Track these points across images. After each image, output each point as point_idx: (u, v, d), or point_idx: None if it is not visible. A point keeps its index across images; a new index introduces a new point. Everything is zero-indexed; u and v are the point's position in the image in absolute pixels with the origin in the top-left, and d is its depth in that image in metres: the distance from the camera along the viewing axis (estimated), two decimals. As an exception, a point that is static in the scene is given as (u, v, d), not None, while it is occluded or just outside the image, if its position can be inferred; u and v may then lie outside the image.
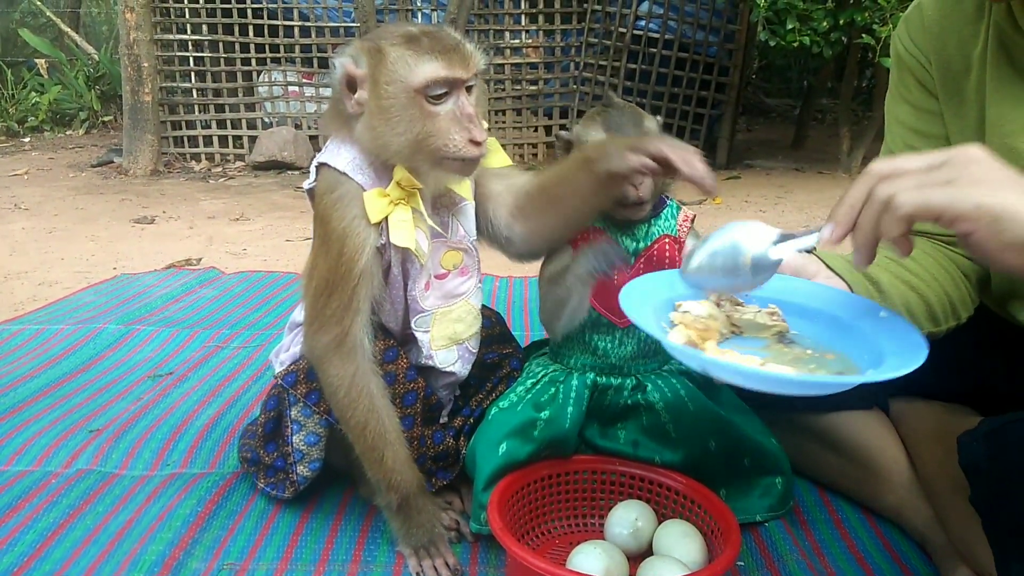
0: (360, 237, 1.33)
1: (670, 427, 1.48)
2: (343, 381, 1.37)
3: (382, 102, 1.28)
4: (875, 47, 4.73)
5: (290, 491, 1.55)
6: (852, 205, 0.96)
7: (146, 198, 5.05)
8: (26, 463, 1.77)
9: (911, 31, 1.43)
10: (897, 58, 1.47)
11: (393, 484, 1.39)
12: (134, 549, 1.45)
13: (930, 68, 1.40)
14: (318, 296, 1.36)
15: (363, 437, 1.38)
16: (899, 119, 1.48)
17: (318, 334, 1.37)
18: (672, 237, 1.50)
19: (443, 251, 1.46)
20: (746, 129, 8.11)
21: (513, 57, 6.38)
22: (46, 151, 6.94)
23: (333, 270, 1.34)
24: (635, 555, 1.38)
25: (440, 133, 1.28)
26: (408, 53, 1.27)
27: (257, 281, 3.19)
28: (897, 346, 1.03)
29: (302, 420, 1.50)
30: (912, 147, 1.44)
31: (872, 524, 1.55)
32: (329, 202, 1.35)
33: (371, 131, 1.32)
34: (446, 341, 1.49)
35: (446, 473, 1.57)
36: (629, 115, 1.45)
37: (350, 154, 1.36)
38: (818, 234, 1.00)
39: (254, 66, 6.16)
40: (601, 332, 1.50)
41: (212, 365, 2.33)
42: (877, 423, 1.56)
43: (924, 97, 1.43)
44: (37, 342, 2.49)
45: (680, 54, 6.14)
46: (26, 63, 8.92)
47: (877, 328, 1.09)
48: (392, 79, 1.27)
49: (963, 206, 0.88)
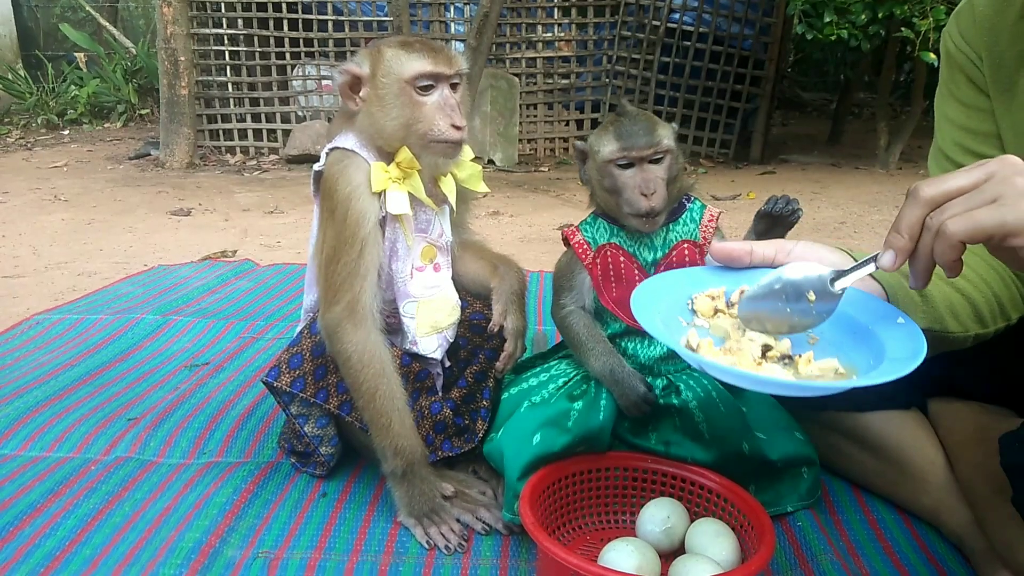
0: (364, 202, 1.48)
1: (704, 427, 1.47)
2: (355, 348, 1.48)
3: (379, 91, 1.49)
4: (914, 41, 4.65)
5: (320, 470, 1.68)
6: (908, 233, 0.96)
7: (182, 190, 5.12)
8: (66, 450, 1.80)
9: (962, 27, 1.40)
10: (947, 55, 1.44)
11: (399, 450, 1.48)
12: (171, 536, 1.48)
13: (981, 65, 1.37)
14: (328, 264, 1.49)
15: (372, 402, 1.48)
16: (949, 117, 1.46)
17: (332, 306, 1.48)
18: (692, 242, 1.48)
19: (422, 245, 1.59)
20: (781, 123, 8.02)
21: (545, 51, 6.37)
22: (85, 143, 7.06)
23: (339, 235, 1.47)
24: (667, 553, 1.38)
25: (426, 119, 1.48)
26: (401, 52, 1.48)
27: (291, 274, 3.22)
28: (900, 352, 1.02)
29: (305, 412, 1.61)
30: (962, 145, 1.43)
31: (908, 525, 1.53)
32: (337, 171, 1.50)
33: (370, 118, 1.50)
34: (429, 328, 1.60)
35: (450, 444, 1.61)
36: (642, 124, 1.42)
37: (354, 139, 1.52)
38: (874, 263, 1.01)
39: (288, 60, 6.22)
40: (631, 336, 1.50)
41: (247, 356, 2.36)
42: (914, 423, 1.54)
43: (974, 94, 1.41)
44: (76, 331, 2.54)
45: (715, 47, 6.08)
46: (66, 57, 9.10)
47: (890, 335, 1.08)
48: (387, 72, 1.48)
49: (1013, 223, 0.87)
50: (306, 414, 1.61)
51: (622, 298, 1.47)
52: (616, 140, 1.42)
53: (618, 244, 1.48)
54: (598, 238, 1.50)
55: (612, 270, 1.47)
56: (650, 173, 1.41)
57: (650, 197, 1.39)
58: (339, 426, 1.65)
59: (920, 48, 4.66)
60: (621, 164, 1.41)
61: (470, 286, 1.69)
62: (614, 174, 1.42)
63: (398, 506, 1.52)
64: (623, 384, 1.44)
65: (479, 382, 1.65)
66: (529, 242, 3.91)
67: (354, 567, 1.41)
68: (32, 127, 7.74)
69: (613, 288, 1.48)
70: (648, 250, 1.48)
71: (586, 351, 1.48)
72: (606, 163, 1.42)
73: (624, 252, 1.48)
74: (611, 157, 1.41)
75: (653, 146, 1.40)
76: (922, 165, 5.73)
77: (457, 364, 1.68)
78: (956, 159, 1.45)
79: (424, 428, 1.58)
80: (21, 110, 8.04)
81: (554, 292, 1.55)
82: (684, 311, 1.15)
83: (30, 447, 1.81)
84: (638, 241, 1.48)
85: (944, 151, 1.47)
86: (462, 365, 1.68)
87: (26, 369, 2.24)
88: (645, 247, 1.48)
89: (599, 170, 1.45)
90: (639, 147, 1.40)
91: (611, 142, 1.42)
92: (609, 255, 1.48)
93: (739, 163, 6.05)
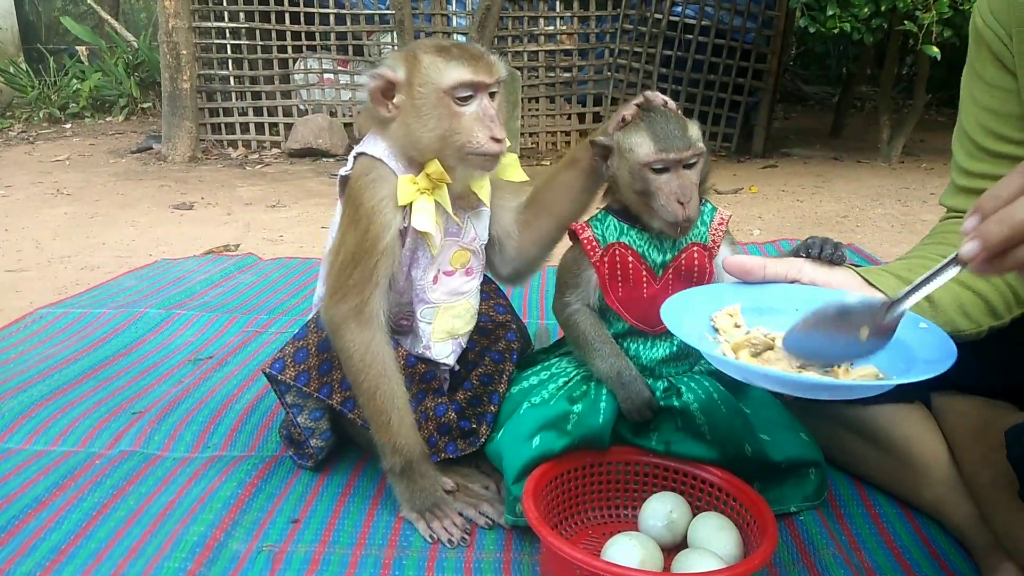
0: (387, 216, 1.45)
1: (705, 428, 1.46)
2: (359, 347, 1.47)
3: (416, 101, 1.43)
4: (917, 34, 4.63)
5: (310, 463, 1.68)
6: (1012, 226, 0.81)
7: (185, 184, 5.12)
8: (71, 444, 1.81)
9: (992, 4, 1.38)
10: (975, 33, 1.42)
11: (398, 447, 1.48)
12: (176, 529, 1.48)
13: (1010, 44, 1.35)
14: (343, 269, 1.47)
15: (372, 400, 1.48)
16: (973, 97, 1.43)
17: (340, 303, 1.47)
18: (701, 245, 1.46)
19: (454, 249, 1.56)
20: (783, 117, 8.00)
21: (547, 44, 6.35)
22: (87, 137, 7.06)
23: (359, 244, 1.45)
24: (669, 547, 1.38)
25: (464, 130, 1.42)
26: (439, 59, 1.42)
27: (294, 268, 3.23)
28: (929, 353, 1.05)
29: (300, 402, 1.61)
30: (985, 126, 1.41)
31: (910, 519, 1.53)
32: (364, 183, 1.47)
33: (405, 128, 1.45)
34: (444, 335, 1.60)
35: (454, 447, 1.60)
36: (678, 124, 1.37)
37: (385, 146, 1.48)
38: (955, 265, 0.89)
39: (290, 53, 6.20)
40: (634, 337, 1.49)
41: (251, 350, 2.37)
42: (918, 417, 1.54)
43: (999, 74, 1.39)
44: (80, 325, 2.55)
45: (717, 40, 6.06)
46: (67, 50, 9.09)
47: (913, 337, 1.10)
48: (425, 81, 1.42)
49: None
50: (301, 404, 1.61)
51: (628, 298, 1.46)
52: (653, 142, 1.35)
53: (627, 243, 1.45)
54: (607, 236, 1.47)
55: (620, 269, 1.46)
56: (686, 179, 1.35)
57: (686, 205, 1.34)
58: (338, 420, 1.65)
59: (923, 41, 4.64)
60: (656, 168, 1.36)
61: (564, 212, 1.59)
62: (648, 178, 1.36)
63: (400, 501, 1.53)
64: (629, 387, 1.43)
65: (486, 385, 1.62)
66: (531, 236, 3.90)
67: (358, 560, 1.42)
68: (34, 121, 7.73)
69: (620, 288, 1.46)
70: (658, 252, 1.45)
71: (592, 351, 1.46)
72: (641, 166, 1.36)
73: (633, 252, 1.45)
74: (647, 160, 1.35)
75: (690, 148, 1.35)
76: (925, 159, 5.72)
77: (465, 366, 1.67)
78: (978, 140, 1.44)
79: (428, 429, 1.57)
80: (23, 104, 8.03)
81: (557, 288, 1.53)
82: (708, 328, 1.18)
83: (35, 441, 1.82)
84: (648, 242, 1.45)
85: (967, 131, 1.45)
86: (469, 367, 1.66)
87: (30, 363, 2.25)
88: (655, 248, 1.45)
89: (631, 172, 1.38)
90: (678, 149, 1.34)
91: (647, 143, 1.35)
92: (617, 254, 1.46)
93: (741, 157, 6.04)
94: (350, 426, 1.63)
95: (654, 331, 1.47)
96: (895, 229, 3.98)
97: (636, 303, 1.45)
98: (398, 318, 1.59)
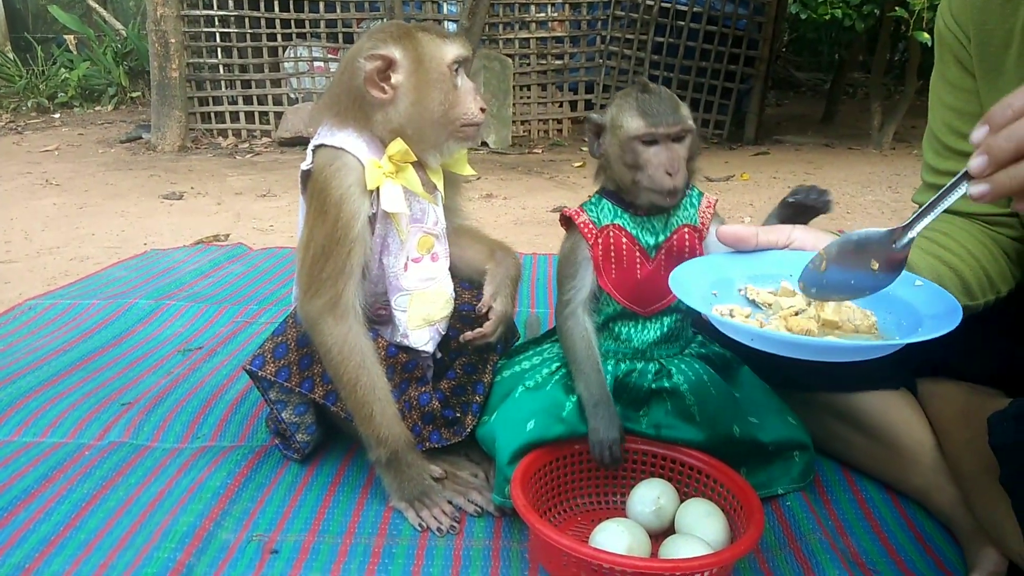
0: (355, 204, 1.46)
1: (695, 410, 1.48)
2: (336, 340, 1.47)
3: (423, 77, 1.46)
4: (908, 20, 4.63)
5: (297, 456, 1.68)
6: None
7: (174, 174, 5.09)
8: (60, 435, 1.81)
9: (953, 6, 1.41)
10: (939, 35, 1.46)
11: (382, 438, 1.49)
12: (166, 520, 1.48)
13: (968, 45, 1.39)
14: (315, 262, 1.47)
15: (354, 393, 1.48)
16: (940, 97, 1.48)
17: (314, 298, 1.48)
18: (691, 226, 1.48)
19: (419, 235, 1.57)
20: (775, 104, 8.00)
21: (538, 31, 6.33)
22: (76, 127, 7.01)
23: (329, 236, 1.45)
24: (657, 533, 1.39)
25: (461, 103, 1.49)
26: (434, 36, 1.48)
27: (284, 257, 3.22)
28: (934, 309, 1.07)
29: (283, 398, 1.61)
30: (951, 126, 1.45)
31: (896, 504, 1.55)
32: (329, 173, 1.46)
33: (404, 107, 1.46)
34: (420, 321, 1.59)
35: (438, 436, 1.61)
36: (667, 101, 1.40)
37: (345, 135, 1.48)
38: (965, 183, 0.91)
39: (280, 41, 6.17)
40: (625, 320, 1.50)
41: (241, 340, 2.36)
42: (904, 403, 1.55)
43: (961, 75, 1.42)
44: (69, 316, 2.54)
45: (709, 27, 6.05)
46: (55, 39, 9.00)
47: (913, 295, 1.13)
48: (432, 57, 1.46)
49: None
50: (284, 400, 1.61)
51: (620, 280, 1.47)
52: (642, 116, 1.39)
53: (621, 225, 1.47)
54: (602, 218, 1.48)
55: (613, 251, 1.47)
56: (674, 151, 1.39)
57: (674, 176, 1.38)
58: (323, 413, 1.65)
59: (914, 28, 4.64)
60: (646, 141, 1.39)
61: (465, 271, 1.68)
62: (637, 150, 1.39)
63: (388, 491, 1.53)
64: (600, 422, 1.42)
65: (470, 375, 1.63)
66: (523, 225, 3.91)
67: (348, 549, 1.43)
68: (22, 111, 7.67)
69: (612, 269, 1.47)
70: (650, 234, 1.47)
71: (579, 373, 1.47)
72: (630, 139, 1.40)
73: (627, 234, 1.47)
74: (636, 133, 1.39)
75: (679, 124, 1.39)
76: (916, 145, 5.73)
77: (448, 355, 1.67)
78: (944, 140, 1.47)
79: (412, 418, 1.58)
80: (11, 93, 7.96)
81: (559, 286, 1.53)
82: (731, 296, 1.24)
83: (24, 432, 1.82)
84: (640, 224, 1.47)
85: (935, 131, 1.49)
86: (452, 356, 1.67)
87: (19, 355, 2.24)
88: (647, 230, 1.47)
89: (621, 146, 1.42)
90: (666, 124, 1.38)
91: (636, 118, 1.39)
92: (612, 235, 1.47)
93: (733, 144, 6.04)
94: (335, 418, 1.64)
95: (645, 312, 1.48)
96: (885, 215, 3.99)
97: (628, 285, 1.46)
98: (375, 308, 1.60)
